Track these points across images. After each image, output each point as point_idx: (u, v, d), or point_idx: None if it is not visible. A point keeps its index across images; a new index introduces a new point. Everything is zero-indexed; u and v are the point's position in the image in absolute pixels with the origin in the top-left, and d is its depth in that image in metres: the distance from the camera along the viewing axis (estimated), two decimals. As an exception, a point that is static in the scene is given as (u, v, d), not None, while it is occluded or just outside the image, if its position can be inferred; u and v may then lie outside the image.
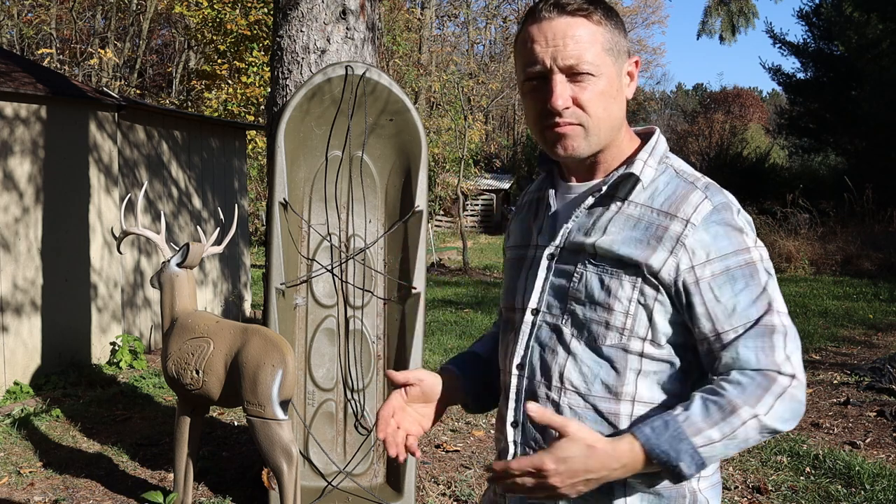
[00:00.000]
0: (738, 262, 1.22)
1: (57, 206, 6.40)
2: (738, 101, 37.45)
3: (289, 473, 3.18)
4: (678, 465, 1.16)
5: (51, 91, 6.35)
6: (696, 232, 1.22)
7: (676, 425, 1.17)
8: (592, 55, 1.23)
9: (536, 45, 1.24)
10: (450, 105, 23.52)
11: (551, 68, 1.23)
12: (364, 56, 4.00)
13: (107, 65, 20.53)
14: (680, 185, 1.27)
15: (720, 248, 1.22)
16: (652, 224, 1.24)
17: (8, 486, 4.15)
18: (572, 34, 1.23)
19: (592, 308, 1.26)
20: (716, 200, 1.24)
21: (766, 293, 1.22)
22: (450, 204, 25.26)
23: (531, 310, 1.33)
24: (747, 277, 1.22)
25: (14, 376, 6.04)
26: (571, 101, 1.23)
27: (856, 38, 18.16)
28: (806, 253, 13.78)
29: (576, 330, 1.27)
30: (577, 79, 1.23)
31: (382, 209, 3.92)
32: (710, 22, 27.49)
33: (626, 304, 1.24)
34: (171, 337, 3.63)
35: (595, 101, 1.24)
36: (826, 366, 6.65)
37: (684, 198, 1.25)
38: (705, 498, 1.29)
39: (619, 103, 1.28)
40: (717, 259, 1.22)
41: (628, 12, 36.18)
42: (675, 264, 1.22)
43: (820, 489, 3.90)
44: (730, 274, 1.21)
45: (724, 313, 1.21)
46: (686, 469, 1.16)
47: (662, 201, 1.26)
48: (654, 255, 1.23)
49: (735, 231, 1.23)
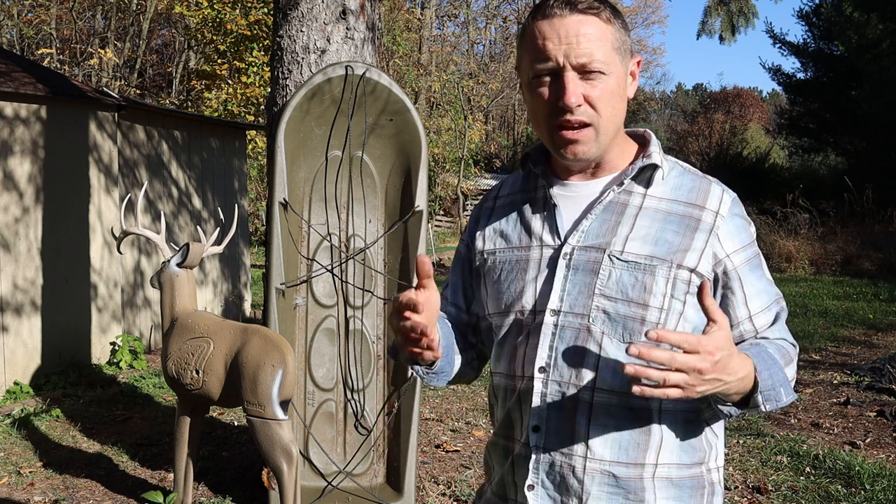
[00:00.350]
0: (755, 253, 1.31)
1: (57, 206, 6.40)
2: (738, 101, 37.45)
3: (289, 473, 3.18)
4: (779, 390, 1.17)
5: (51, 91, 6.35)
6: (724, 223, 1.28)
7: (769, 355, 1.20)
8: (603, 54, 1.23)
9: (548, 42, 1.23)
10: (450, 105, 23.53)
11: (564, 66, 1.22)
12: (364, 56, 4.00)
13: (107, 65, 20.53)
14: (696, 179, 1.32)
15: (742, 238, 1.29)
16: (685, 216, 1.28)
17: (8, 486, 4.15)
18: (584, 32, 1.22)
19: (626, 304, 1.24)
20: (732, 194, 1.32)
21: (771, 280, 1.33)
22: (450, 204, 25.27)
23: (550, 311, 1.28)
24: (761, 266, 1.32)
25: (14, 376, 6.04)
26: (583, 99, 1.23)
27: (856, 38, 18.17)
28: (806, 253, 13.78)
29: (607, 328, 1.25)
30: (588, 77, 1.23)
31: (382, 209, 3.92)
32: (710, 22, 27.49)
33: (661, 299, 1.24)
34: (171, 337, 3.63)
35: (605, 99, 1.24)
36: (826, 366, 6.65)
37: (707, 191, 1.30)
38: (719, 490, 1.33)
39: (624, 102, 1.29)
40: (742, 249, 1.29)
41: (628, 12, 36.19)
42: (713, 253, 1.26)
43: (820, 489, 3.90)
44: (751, 263, 1.30)
45: (756, 297, 1.29)
46: (785, 396, 1.18)
47: (687, 193, 1.30)
48: (692, 246, 1.26)
49: (749, 223, 1.32)
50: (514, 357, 1.32)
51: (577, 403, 1.25)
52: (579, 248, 1.29)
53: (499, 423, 1.38)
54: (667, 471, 1.26)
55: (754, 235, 1.33)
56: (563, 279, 1.28)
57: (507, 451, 1.34)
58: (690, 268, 1.25)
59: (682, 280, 1.24)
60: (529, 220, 1.37)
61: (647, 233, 1.26)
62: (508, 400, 1.33)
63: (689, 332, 1.16)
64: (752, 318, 1.28)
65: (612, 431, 1.24)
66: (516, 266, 1.35)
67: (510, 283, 1.35)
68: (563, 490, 1.27)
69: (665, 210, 1.28)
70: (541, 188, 1.37)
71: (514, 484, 1.32)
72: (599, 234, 1.28)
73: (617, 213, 1.29)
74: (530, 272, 1.32)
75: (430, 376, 1.34)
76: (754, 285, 1.29)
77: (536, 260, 1.32)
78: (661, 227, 1.27)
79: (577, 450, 1.25)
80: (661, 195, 1.30)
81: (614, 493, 1.25)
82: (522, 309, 1.32)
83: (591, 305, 1.26)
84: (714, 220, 1.27)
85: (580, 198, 1.33)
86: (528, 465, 1.29)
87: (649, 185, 1.30)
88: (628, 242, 1.26)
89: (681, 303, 1.25)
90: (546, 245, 1.32)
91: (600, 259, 1.26)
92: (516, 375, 1.31)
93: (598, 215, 1.30)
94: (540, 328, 1.28)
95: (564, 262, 1.29)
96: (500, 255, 1.38)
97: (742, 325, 1.29)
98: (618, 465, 1.24)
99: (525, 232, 1.36)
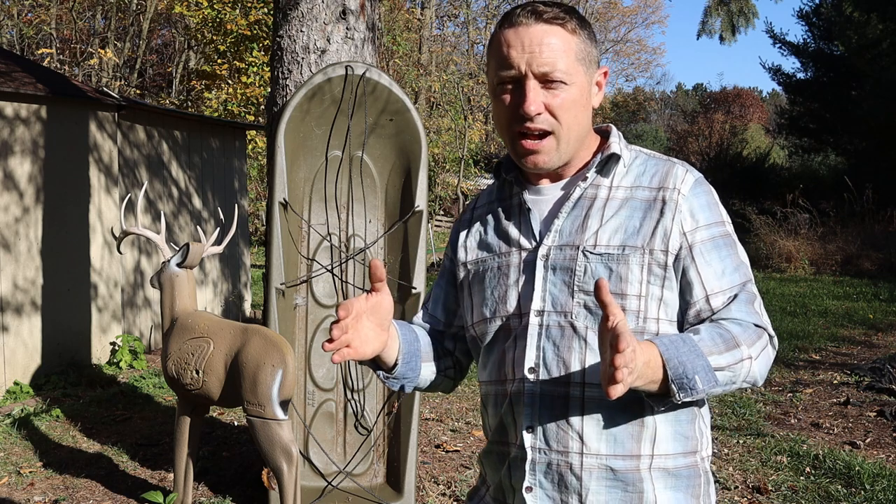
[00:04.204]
0: (721, 232, 1.30)
1: (57, 206, 6.40)
2: (738, 101, 37.47)
3: (289, 473, 3.18)
4: (693, 379, 1.15)
5: (51, 91, 6.35)
6: (685, 200, 1.28)
7: (692, 342, 1.18)
8: (566, 64, 1.26)
9: (512, 50, 1.26)
10: (450, 105, 23.53)
11: (526, 74, 1.26)
12: (364, 56, 4.00)
13: (107, 65, 20.54)
14: (658, 163, 1.34)
15: (706, 217, 1.29)
16: (650, 201, 1.29)
17: (8, 486, 4.15)
18: (548, 42, 1.26)
19: None
20: (696, 174, 1.32)
21: (744, 265, 1.30)
22: (450, 204, 25.27)
23: (535, 311, 1.30)
24: (729, 246, 1.29)
25: (14, 376, 6.04)
26: (543, 108, 1.26)
27: (856, 38, 18.15)
28: (806, 253, 13.78)
29: (591, 322, 1.26)
30: (549, 86, 1.26)
31: (382, 209, 3.91)
32: (710, 22, 27.46)
33: (638, 286, 1.25)
34: (171, 337, 3.63)
35: (566, 108, 1.27)
36: (826, 366, 6.65)
37: (669, 172, 1.31)
38: (712, 479, 1.34)
39: (587, 112, 1.32)
40: (704, 227, 1.28)
41: (628, 12, 36.18)
42: (679, 230, 1.27)
43: (820, 489, 3.90)
44: (715, 242, 1.28)
45: (715, 277, 1.27)
46: (701, 384, 1.15)
47: (651, 178, 1.32)
48: (659, 228, 1.26)
49: (714, 203, 1.31)
50: (503, 361, 1.33)
51: (569, 400, 1.26)
52: (555, 247, 1.31)
53: (492, 430, 1.38)
54: (663, 461, 1.26)
55: (722, 217, 1.31)
56: (543, 280, 1.30)
57: (503, 456, 1.34)
58: (662, 250, 1.26)
59: (657, 264, 1.26)
60: (506, 227, 1.39)
61: (617, 223, 1.28)
62: (500, 406, 1.34)
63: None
64: (708, 299, 1.26)
65: (605, 425, 1.25)
66: (498, 272, 1.37)
67: (493, 289, 1.36)
68: (562, 488, 1.27)
69: (630, 198, 1.30)
70: (515, 195, 1.40)
71: (511, 488, 1.32)
72: (571, 231, 1.30)
73: (586, 209, 1.31)
74: (511, 277, 1.34)
75: (391, 381, 1.35)
76: (713, 265, 1.27)
77: (516, 264, 1.34)
78: (629, 216, 1.29)
79: (572, 446, 1.26)
80: (627, 184, 1.32)
81: (613, 486, 1.25)
82: (507, 313, 1.33)
83: (572, 302, 1.28)
84: (676, 197, 1.28)
85: (551, 199, 1.35)
86: (524, 468, 1.29)
87: (613, 177, 1.32)
88: (599, 235, 1.28)
89: (658, 288, 1.26)
90: (524, 249, 1.34)
91: (575, 256, 1.29)
92: (507, 380, 1.32)
93: (568, 213, 1.32)
94: (526, 330, 1.30)
95: (542, 263, 1.31)
96: (481, 265, 1.40)
97: (698, 304, 1.27)
98: (615, 459, 1.25)
99: (503, 239, 1.38)
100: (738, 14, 26.06)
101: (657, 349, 1.15)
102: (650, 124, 43.16)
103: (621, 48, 37.31)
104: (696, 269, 1.26)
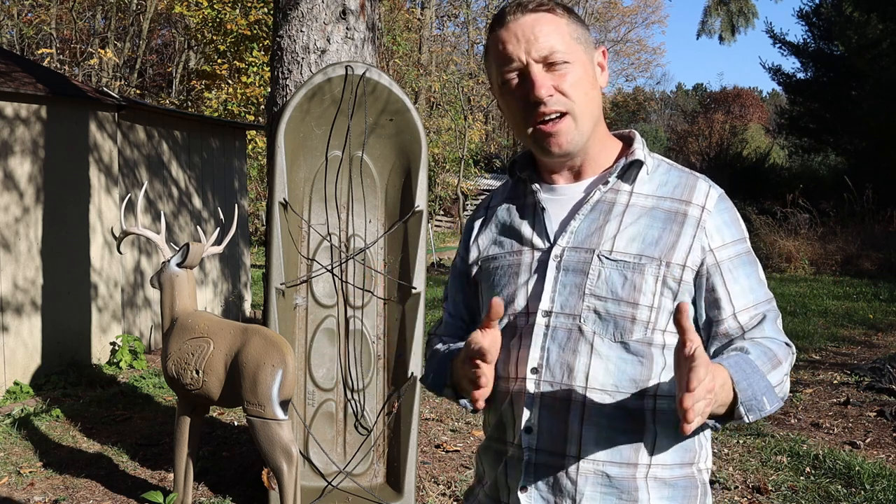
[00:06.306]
0: (745, 249, 1.30)
1: (57, 206, 6.40)
2: (738, 101, 37.49)
3: (289, 473, 3.18)
4: (762, 400, 1.15)
5: (51, 91, 6.35)
6: (711, 217, 1.28)
7: (752, 363, 1.17)
8: (563, 44, 1.27)
9: (509, 45, 1.27)
10: (450, 105, 23.54)
11: (528, 62, 1.26)
12: (364, 56, 4.00)
13: (107, 65, 20.54)
14: (682, 175, 1.33)
15: (731, 233, 1.29)
16: (671, 212, 1.28)
17: (8, 486, 4.15)
18: (540, 27, 1.27)
19: (617, 304, 1.25)
20: (719, 190, 1.32)
21: (764, 281, 1.31)
22: (450, 204, 25.28)
23: (542, 312, 1.28)
24: (752, 264, 1.30)
25: (14, 376, 6.04)
26: (553, 90, 1.26)
27: (856, 38, 18.15)
28: (806, 253, 13.78)
29: (599, 328, 1.25)
30: (553, 68, 1.26)
31: (382, 209, 3.91)
32: (710, 22, 27.46)
33: (651, 297, 1.24)
34: (171, 337, 3.63)
35: (576, 85, 1.27)
36: (826, 366, 6.65)
37: (693, 186, 1.30)
38: (709, 491, 1.33)
39: (597, 90, 1.32)
40: (730, 244, 1.28)
41: (628, 12, 36.21)
42: (700, 247, 1.26)
43: (820, 489, 3.90)
44: (741, 259, 1.29)
45: (741, 294, 1.27)
46: (768, 404, 1.15)
47: (673, 189, 1.30)
48: (679, 243, 1.25)
49: (737, 220, 1.31)
50: (507, 359, 1.32)
51: (570, 404, 1.25)
52: (569, 249, 1.29)
53: (491, 427, 1.37)
54: (660, 471, 1.25)
55: (745, 233, 1.31)
56: (554, 280, 1.29)
57: (500, 454, 1.34)
58: (680, 264, 1.25)
59: (671, 277, 1.25)
60: (520, 226, 1.38)
61: (635, 231, 1.27)
62: (501, 403, 1.33)
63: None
64: (736, 316, 1.26)
65: (605, 431, 1.24)
66: (509, 270, 1.36)
67: (503, 287, 1.36)
68: (557, 491, 1.26)
69: (651, 207, 1.29)
70: (529, 193, 1.39)
71: (506, 486, 1.32)
72: (588, 234, 1.29)
73: (604, 213, 1.30)
74: (522, 275, 1.33)
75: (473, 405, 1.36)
76: (740, 282, 1.27)
77: (528, 263, 1.33)
78: (649, 225, 1.27)
79: (570, 450, 1.25)
80: (648, 192, 1.30)
81: (608, 493, 1.24)
82: (514, 311, 1.32)
83: (581, 306, 1.26)
84: (700, 214, 1.27)
85: (567, 200, 1.34)
86: (520, 467, 1.28)
87: (634, 183, 1.31)
88: (616, 241, 1.27)
89: (670, 301, 1.25)
90: (536, 248, 1.33)
91: (589, 259, 1.27)
92: (509, 378, 1.31)
93: (585, 215, 1.31)
94: (532, 329, 1.29)
95: (555, 264, 1.30)
96: (494, 262, 1.39)
97: (726, 321, 1.27)
98: (611, 465, 1.24)
99: (516, 237, 1.37)
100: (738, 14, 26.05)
101: (727, 372, 1.14)
102: (650, 124, 43.14)
103: (621, 48, 37.33)
104: (725, 287, 1.26)
